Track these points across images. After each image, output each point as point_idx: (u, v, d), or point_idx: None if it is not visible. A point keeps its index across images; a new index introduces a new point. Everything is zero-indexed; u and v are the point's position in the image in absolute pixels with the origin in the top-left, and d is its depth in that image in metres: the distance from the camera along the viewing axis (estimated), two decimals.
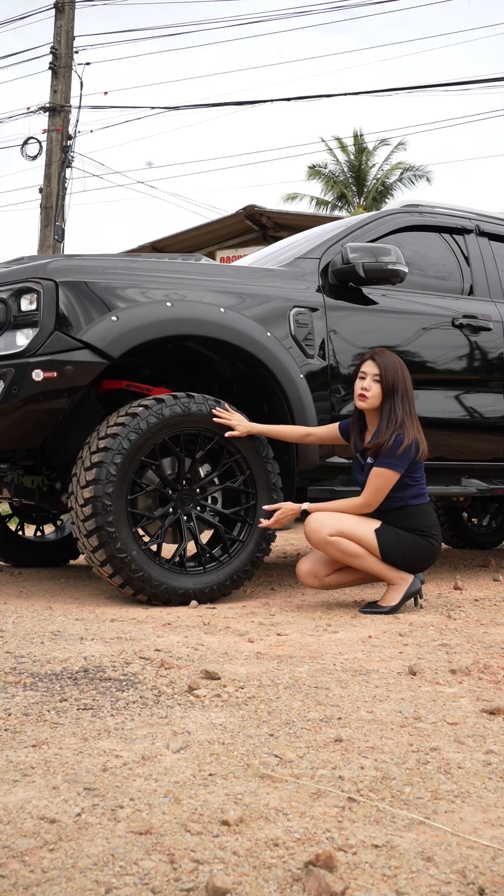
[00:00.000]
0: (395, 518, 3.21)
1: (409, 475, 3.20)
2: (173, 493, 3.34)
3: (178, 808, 1.27)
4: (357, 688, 2.03)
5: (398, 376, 3.22)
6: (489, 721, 1.78)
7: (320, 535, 3.14)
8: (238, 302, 3.50)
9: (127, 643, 2.50)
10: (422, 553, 3.20)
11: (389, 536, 3.15)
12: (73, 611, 3.13)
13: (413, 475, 3.21)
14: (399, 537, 3.16)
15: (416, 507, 3.24)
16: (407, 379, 3.25)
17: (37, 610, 3.14)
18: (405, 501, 3.22)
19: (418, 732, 1.70)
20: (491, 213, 4.64)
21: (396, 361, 3.26)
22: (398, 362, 3.26)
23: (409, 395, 3.25)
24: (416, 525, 3.20)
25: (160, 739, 1.60)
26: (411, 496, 3.22)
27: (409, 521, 3.21)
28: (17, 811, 1.25)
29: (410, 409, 3.24)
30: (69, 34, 12.31)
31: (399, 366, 3.24)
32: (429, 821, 1.26)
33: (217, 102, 12.89)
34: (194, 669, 2.16)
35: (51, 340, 3.11)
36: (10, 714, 1.74)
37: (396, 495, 3.19)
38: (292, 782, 1.40)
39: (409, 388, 3.26)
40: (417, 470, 3.23)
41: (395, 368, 3.23)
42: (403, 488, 3.20)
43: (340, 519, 3.17)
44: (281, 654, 2.38)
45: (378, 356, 3.26)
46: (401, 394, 3.21)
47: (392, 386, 3.21)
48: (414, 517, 3.22)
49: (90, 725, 1.68)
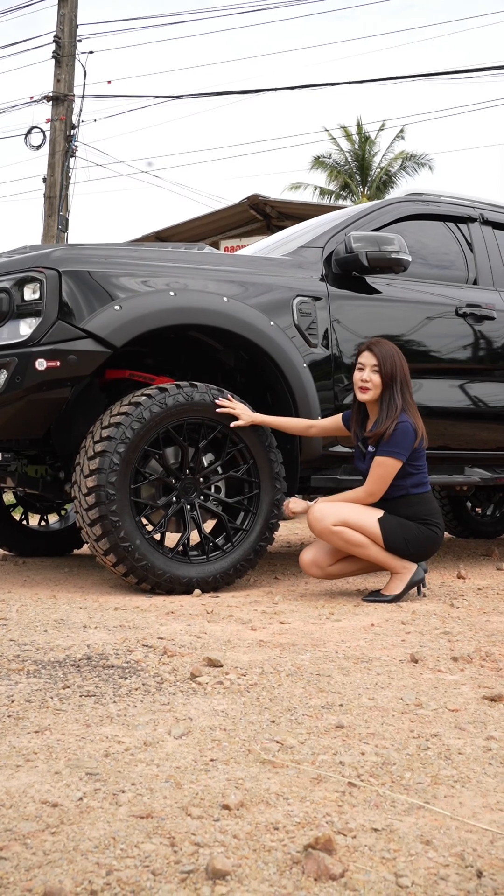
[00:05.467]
0: (397, 506, 3.21)
1: (411, 463, 3.20)
2: (176, 482, 3.35)
3: (180, 792, 1.28)
4: (359, 675, 2.04)
5: (396, 365, 3.22)
6: (490, 708, 1.79)
7: (324, 524, 3.14)
8: (241, 291, 3.49)
9: (130, 631, 2.51)
10: (425, 541, 3.21)
11: (392, 525, 3.16)
12: (77, 599, 3.14)
13: (415, 463, 3.22)
14: (402, 526, 3.17)
15: (418, 496, 3.24)
16: (404, 366, 3.25)
17: (40, 598, 3.16)
18: (407, 490, 3.22)
19: (419, 719, 1.70)
20: (495, 201, 4.62)
21: (393, 350, 3.26)
22: (395, 351, 3.26)
23: (408, 382, 3.26)
24: (418, 513, 3.21)
25: (162, 726, 1.61)
26: (413, 485, 3.23)
27: (412, 509, 3.22)
28: (19, 795, 1.26)
29: (409, 397, 3.24)
30: (72, 23, 12.26)
31: (396, 354, 3.25)
32: (428, 805, 1.27)
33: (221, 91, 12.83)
34: (197, 657, 2.17)
35: (54, 330, 3.12)
36: (13, 700, 1.75)
37: (398, 483, 3.20)
38: (293, 767, 1.40)
39: (407, 375, 3.26)
40: (419, 458, 3.23)
41: (393, 357, 3.23)
42: (405, 476, 3.20)
43: (344, 508, 3.17)
44: (283, 642, 2.39)
45: (375, 346, 3.26)
46: (399, 382, 3.22)
47: (391, 375, 3.21)
48: (416, 505, 3.22)
49: (93, 712, 1.69)
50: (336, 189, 24.20)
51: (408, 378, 3.26)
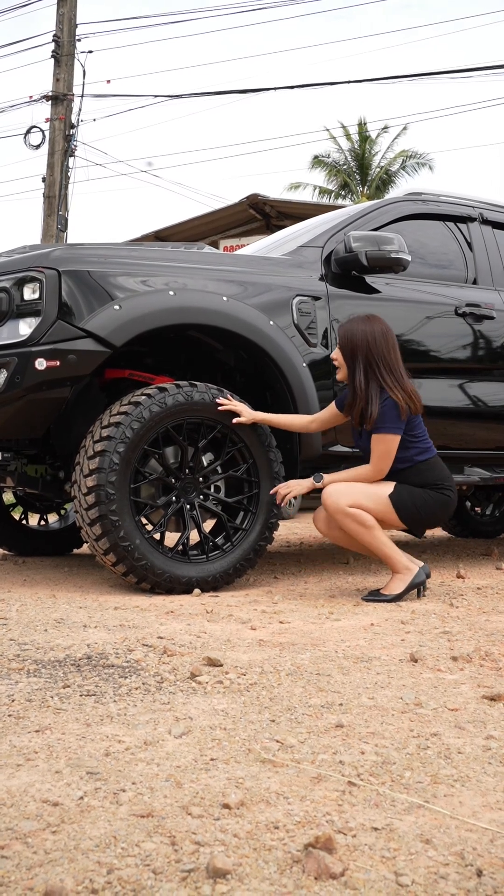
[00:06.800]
0: (408, 477, 3.23)
1: (409, 434, 3.21)
2: (176, 481, 3.35)
3: (180, 791, 1.29)
4: (359, 674, 2.04)
5: (358, 342, 3.19)
6: (489, 707, 1.79)
7: (339, 505, 3.14)
8: (241, 291, 3.50)
9: (130, 631, 2.51)
10: (438, 507, 3.23)
11: (403, 496, 3.18)
12: (77, 599, 3.14)
13: (412, 433, 3.22)
14: (413, 495, 3.19)
15: (425, 463, 3.26)
16: (374, 344, 3.18)
17: (40, 598, 3.16)
18: (412, 460, 3.24)
19: (419, 718, 1.71)
20: (494, 201, 4.62)
21: (360, 329, 3.22)
22: (363, 329, 3.21)
23: (384, 358, 3.18)
24: (428, 480, 3.23)
25: (162, 725, 1.61)
26: (416, 453, 3.24)
27: (421, 477, 3.24)
28: (20, 794, 1.26)
29: (392, 371, 3.19)
30: (71, 22, 12.26)
31: (367, 332, 3.20)
32: (428, 804, 1.27)
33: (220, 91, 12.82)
34: (197, 656, 2.17)
35: (53, 329, 3.12)
36: (13, 700, 1.76)
37: (403, 456, 3.21)
38: (293, 767, 1.41)
39: (382, 352, 3.19)
40: (415, 427, 3.24)
41: (354, 335, 3.21)
42: (407, 448, 3.22)
43: (356, 488, 3.18)
44: (283, 642, 2.39)
45: (343, 324, 3.27)
46: (365, 359, 3.18)
47: (352, 352, 3.20)
48: (425, 472, 3.24)
49: (93, 711, 1.69)
50: (335, 188, 24.21)
51: (385, 354, 3.19)
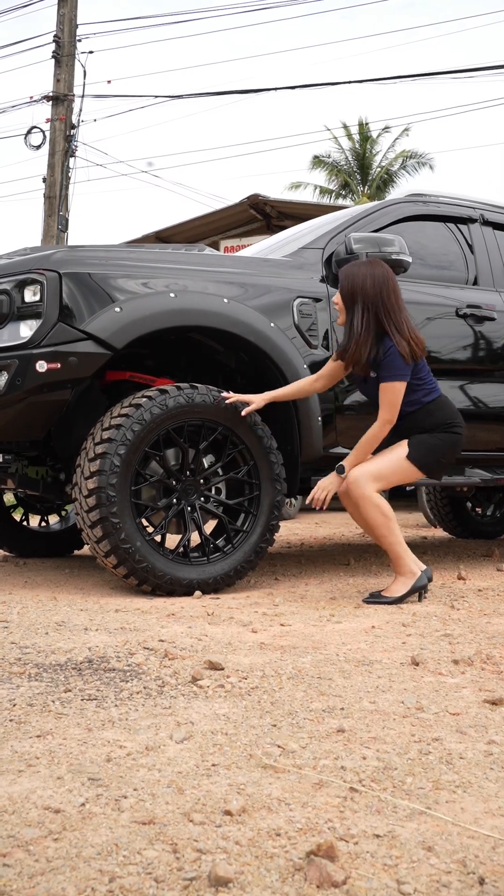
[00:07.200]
0: (417, 420, 3.25)
1: (414, 378, 3.21)
2: (177, 483, 3.35)
3: (182, 798, 1.29)
4: (360, 678, 2.04)
5: (358, 284, 3.15)
6: (491, 711, 1.79)
7: (364, 492, 3.14)
8: (241, 292, 3.49)
9: (131, 634, 2.51)
10: (451, 448, 3.28)
11: (420, 450, 3.20)
12: (78, 601, 3.14)
13: (417, 377, 3.23)
14: (428, 446, 3.21)
15: (434, 402, 3.28)
16: (373, 286, 3.13)
17: (41, 600, 3.16)
18: (420, 402, 3.25)
19: (420, 723, 1.70)
20: (495, 202, 4.62)
21: (361, 271, 3.17)
22: (364, 272, 3.17)
23: (385, 301, 3.14)
24: (438, 420, 3.25)
25: (164, 730, 1.61)
26: (424, 395, 3.26)
27: (431, 418, 3.26)
28: (21, 801, 1.26)
29: (385, 315, 3.14)
30: (72, 22, 12.25)
31: (363, 275, 3.16)
32: (430, 811, 1.27)
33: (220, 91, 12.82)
34: (198, 660, 2.17)
35: (54, 332, 3.12)
36: (14, 705, 1.76)
37: (411, 399, 3.22)
38: (294, 773, 1.41)
39: (382, 295, 3.14)
40: (420, 370, 3.24)
41: (355, 277, 3.17)
42: (414, 391, 3.22)
43: (375, 464, 3.18)
44: (284, 645, 2.39)
45: (343, 268, 3.25)
46: (363, 302, 3.14)
47: (351, 294, 3.17)
48: (435, 413, 3.26)
49: (94, 716, 1.69)
50: (336, 188, 24.20)
51: (385, 299, 3.14)
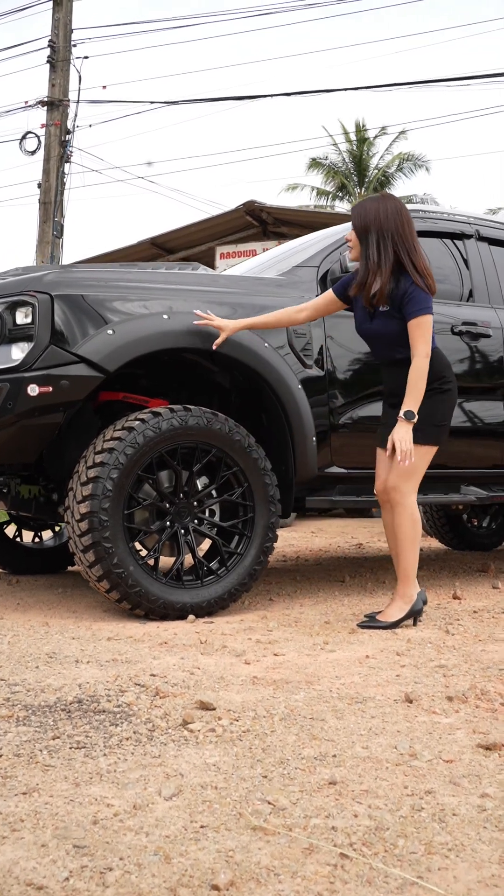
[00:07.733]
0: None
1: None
2: (170, 506, 3.33)
3: (168, 869, 1.26)
4: (353, 718, 2.02)
5: (370, 217, 3.10)
6: (485, 758, 1.76)
7: (405, 502, 3.15)
8: (235, 313, 3.46)
9: (122, 666, 2.48)
10: (448, 406, 3.22)
11: (425, 430, 3.13)
12: (70, 627, 3.11)
13: None
14: (426, 416, 3.11)
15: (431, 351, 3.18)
16: (385, 218, 3.09)
17: (33, 626, 3.13)
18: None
19: (413, 772, 1.68)
20: (490, 218, 4.60)
21: (372, 205, 3.13)
22: (376, 205, 3.12)
23: (398, 232, 3.09)
24: (434, 373, 3.13)
25: (152, 784, 1.59)
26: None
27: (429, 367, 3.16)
28: (4, 875, 1.23)
29: (398, 246, 3.09)
30: (67, 27, 12.21)
31: (375, 208, 3.11)
32: (422, 881, 1.25)
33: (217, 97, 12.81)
34: (189, 698, 2.15)
35: (46, 354, 3.09)
36: (1, 755, 1.73)
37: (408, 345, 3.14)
38: (284, 835, 1.38)
39: (394, 226, 3.09)
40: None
41: (367, 210, 3.12)
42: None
43: (401, 467, 3.09)
44: (277, 679, 2.37)
45: (355, 205, 3.20)
46: (376, 234, 3.09)
47: (363, 228, 3.11)
48: (433, 363, 3.14)
49: (82, 767, 1.66)
50: (333, 190, 24.15)
51: (397, 229, 3.09)
